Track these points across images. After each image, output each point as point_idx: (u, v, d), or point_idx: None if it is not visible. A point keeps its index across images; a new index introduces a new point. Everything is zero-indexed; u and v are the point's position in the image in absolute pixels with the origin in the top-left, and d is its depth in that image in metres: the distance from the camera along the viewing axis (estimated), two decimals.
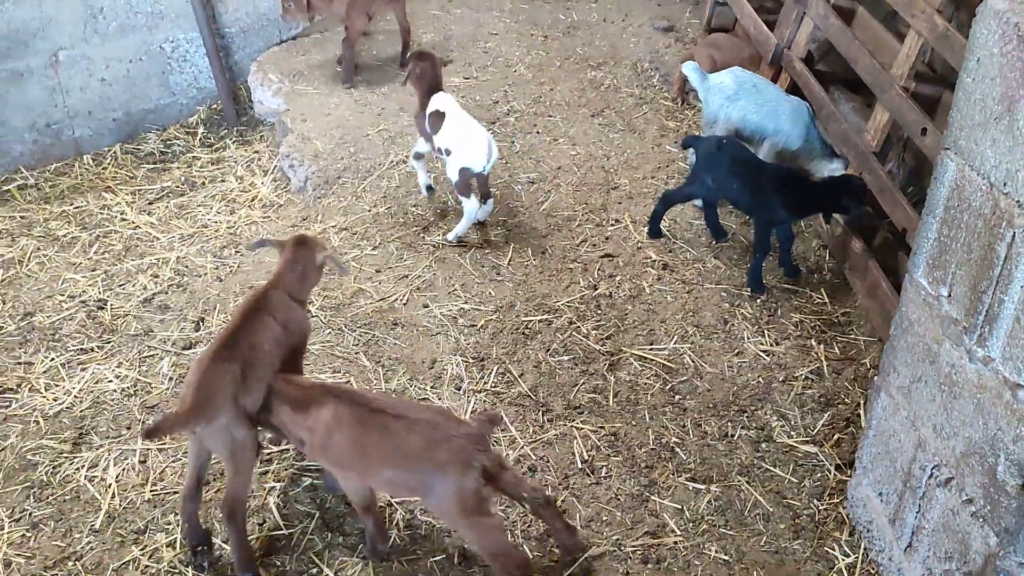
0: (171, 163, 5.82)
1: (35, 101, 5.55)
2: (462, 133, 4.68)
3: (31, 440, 3.88)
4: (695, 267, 4.81)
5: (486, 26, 6.70)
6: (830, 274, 4.83)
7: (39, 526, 3.52)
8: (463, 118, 4.75)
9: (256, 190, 5.46)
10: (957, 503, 2.84)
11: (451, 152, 4.69)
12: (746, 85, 5.01)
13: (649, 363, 4.24)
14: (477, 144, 4.65)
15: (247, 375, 3.12)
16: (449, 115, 4.73)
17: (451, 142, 4.68)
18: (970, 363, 2.72)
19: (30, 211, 5.33)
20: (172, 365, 4.23)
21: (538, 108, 6.02)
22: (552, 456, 3.79)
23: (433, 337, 4.37)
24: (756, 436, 3.92)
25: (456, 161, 4.68)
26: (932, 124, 4.19)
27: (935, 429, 2.92)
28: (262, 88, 6.05)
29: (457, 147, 4.67)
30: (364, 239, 4.96)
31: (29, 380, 4.16)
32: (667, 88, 6.28)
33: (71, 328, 4.47)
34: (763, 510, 3.60)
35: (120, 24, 5.66)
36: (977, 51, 2.62)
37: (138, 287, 4.72)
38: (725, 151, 4.64)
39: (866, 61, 4.77)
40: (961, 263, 2.74)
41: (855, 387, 4.16)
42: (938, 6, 4.28)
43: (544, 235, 4.98)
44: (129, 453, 3.81)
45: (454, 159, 4.68)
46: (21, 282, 4.78)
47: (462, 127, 4.70)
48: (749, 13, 6.12)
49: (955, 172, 2.76)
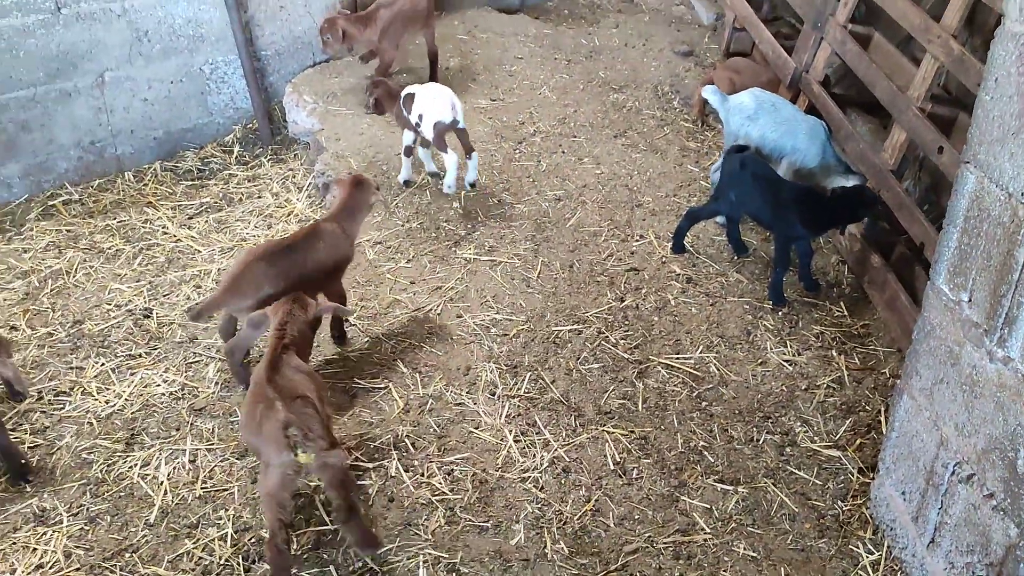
0: (208, 180, 6.03)
1: (81, 120, 5.78)
2: (426, 95, 5.28)
3: (86, 440, 4.05)
4: (718, 281, 4.98)
5: (511, 50, 6.92)
6: (849, 288, 4.99)
7: (96, 520, 3.69)
8: (427, 87, 5.38)
9: (292, 206, 5.66)
10: (978, 498, 2.99)
11: (423, 115, 5.24)
12: (765, 105, 5.20)
13: (676, 371, 4.40)
14: (440, 99, 5.21)
15: (276, 280, 3.97)
16: (417, 92, 5.33)
17: (420, 108, 5.27)
18: (991, 364, 2.88)
19: (75, 225, 5.54)
20: (217, 370, 4.41)
21: (563, 129, 6.23)
22: (585, 458, 3.95)
23: (467, 345, 4.54)
24: (781, 441, 4.07)
25: (428, 120, 5.21)
26: (948, 143, 4.36)
27: (957, 428, 3.08)
28: (297, 108, 6.28)
29: (425, 108, 5.24)
30: (398, 252, 5.15)
31: (81, 384, 4.35)
32: (687, 110, 6.48)
33: (119, 335, 4.66)
34: (789, 510, 3.75)
35: (163, 47, 5.89)
36: (995, 71, 2.80)
37: (182, 297, 4.91)
38: (748, 168, 4.83)
39: (883, 83, 4.96)
40: (981, 269, 2.91)
41: (875, 395, 4.31)
42: (953, 31, 4.47)
43: (572, 249, 5.16)
44: (179, 453, 3.99)
45: (426, 119, 5.22)
46: (69, 292, 4.97)
47: (426, 92, 5.30)
48: (767, 38, 6.33)
49: (975, 184, 2.93)
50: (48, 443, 4.04)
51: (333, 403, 4.21)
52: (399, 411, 4.17)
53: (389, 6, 6.17)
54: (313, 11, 6.45)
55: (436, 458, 3.94)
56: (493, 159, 5.85)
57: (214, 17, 6.01)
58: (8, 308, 4.82)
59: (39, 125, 5.64)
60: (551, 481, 3.85)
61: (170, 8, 5.82)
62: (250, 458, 3.95)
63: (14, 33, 5.34)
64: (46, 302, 4.88)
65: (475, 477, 3.85)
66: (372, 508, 3.71)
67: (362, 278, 4.98)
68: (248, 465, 3.92)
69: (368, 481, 3.83)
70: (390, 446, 3.99)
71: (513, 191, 5.60)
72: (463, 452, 3.98)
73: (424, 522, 3.65)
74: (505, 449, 3.99)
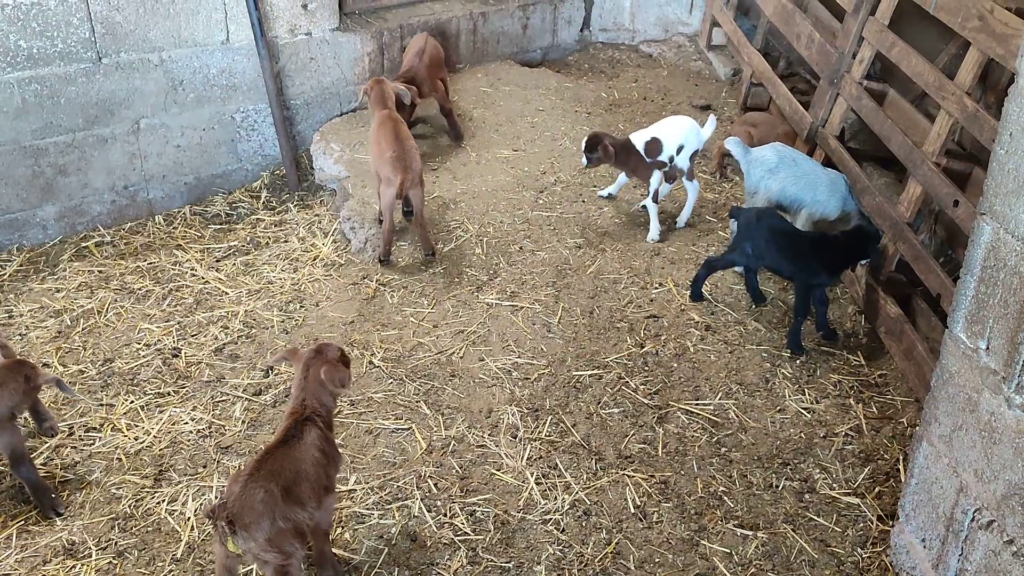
0: (236, 224, 6.18)
1: (116, 165, 5.95)
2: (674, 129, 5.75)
3: (115, 475, 4.13)
4: (736, 329, 5.05)
5: (533, 103, 7.09)
6: (866, 338, 5.05)
7: (124, 554, 3.75)
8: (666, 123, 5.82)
9: (317, 250, 5.79)
10: (999, 544, 3.02)
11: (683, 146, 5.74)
12: (786, 159, 5.32)
13: (696, 417, 4.46)
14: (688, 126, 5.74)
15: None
16: (656, 132, 5.76)
17: (676, 140, 5.76)
18: (1009, 410, 2.94)
19: (107, 266, 5.67)
20: (244, 409, 4.50)
21: (583, 179, 6.36)
22: (606, 501, 3.99)
23: (489, 388, 4.61)
24: (800, 487, 4.11)
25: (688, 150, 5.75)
26: (964, 196, 4.46)
27: (976, 474, 3.12)
28: (324, 156, 6.44)
29: (686, 139, 5.73)
30: (422, 296, 5.25)
31: (111, 420, 4.44)
32: (706, 162, 6.61)
33: (148, 373, 4.75)
34: (808, 556, 3.78)
35: (197, 96, 6.09)
36: (1010, 126, 2.91)
37: (209, 337, 5.02)
38: (763, 221, 4.94)
39: (899, 138, 5.08)
40: (998, 318, 2.98)
41: (894, 444, 4.35)
42: (967, 88, 4.59)
43: (592, 296, 5.25)
44: (206, 489, 4.05)
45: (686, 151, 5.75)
46: (100, 331, 5.08)
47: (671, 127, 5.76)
48: (784, 93, 6.48)
49: (991, 235, 3.02)
50: (78, 478, 4.12)
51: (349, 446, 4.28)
52: (422, 452, 4.23)
53: (420, 54, 6.38)
54: (342, 63, 6.65)
55: (458, 499, 4.00)
56: (516, 207, 5.98)
57: (247, 68, 6.21)
58: (41, 346, 4.94)
59: (76, 169, 5.82)
60: (572, 523, 3.89)
61: (205, 59, 6.03)
62: None
63: (56, 80, 5.54)
64: (78, 340, 4.99)
65: (497, 518, 3.90)
66: (395, 548, 3.76)
67: (386, 321, 5.07)
68: None
69: (391, 520, 3.88)
70: (413, 486, 4.05)
71: (534, 238, 5.71)
72: (485, 493, 4.03)
73: (447, 562, 3.69)
74: (527, 491, 4.04)
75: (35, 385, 3.92)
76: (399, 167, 5.26)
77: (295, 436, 3.32)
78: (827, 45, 5.97)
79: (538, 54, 7.88)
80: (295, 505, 3.19)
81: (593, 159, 5.67)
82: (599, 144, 5.60)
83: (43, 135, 5.63)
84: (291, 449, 3.28)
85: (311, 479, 3.28)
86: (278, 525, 3.11)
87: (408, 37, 6.89)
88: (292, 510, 3.17)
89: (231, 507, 3.05)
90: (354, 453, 4.24)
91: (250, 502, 3.07)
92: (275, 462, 3.21)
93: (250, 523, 3.05)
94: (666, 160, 5.69)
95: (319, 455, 3.33)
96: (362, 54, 6.74)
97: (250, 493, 3.09)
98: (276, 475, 3.17)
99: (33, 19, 5.35)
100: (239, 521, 3.03)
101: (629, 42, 8.29)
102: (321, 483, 3.33)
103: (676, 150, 5.67)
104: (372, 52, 6.78)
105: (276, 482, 3.15)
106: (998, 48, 4.35)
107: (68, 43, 5.51)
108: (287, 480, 3.19)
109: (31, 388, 3.90)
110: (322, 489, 3.34)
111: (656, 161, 5.68)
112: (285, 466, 3.22)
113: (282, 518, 3.13)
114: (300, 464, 3.27)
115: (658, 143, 5.65)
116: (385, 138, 5.38)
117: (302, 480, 3.24)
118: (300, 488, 3.23)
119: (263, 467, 3.17)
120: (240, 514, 3.04)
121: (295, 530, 3.18)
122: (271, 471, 3.17)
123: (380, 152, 5.39)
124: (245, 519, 3.05)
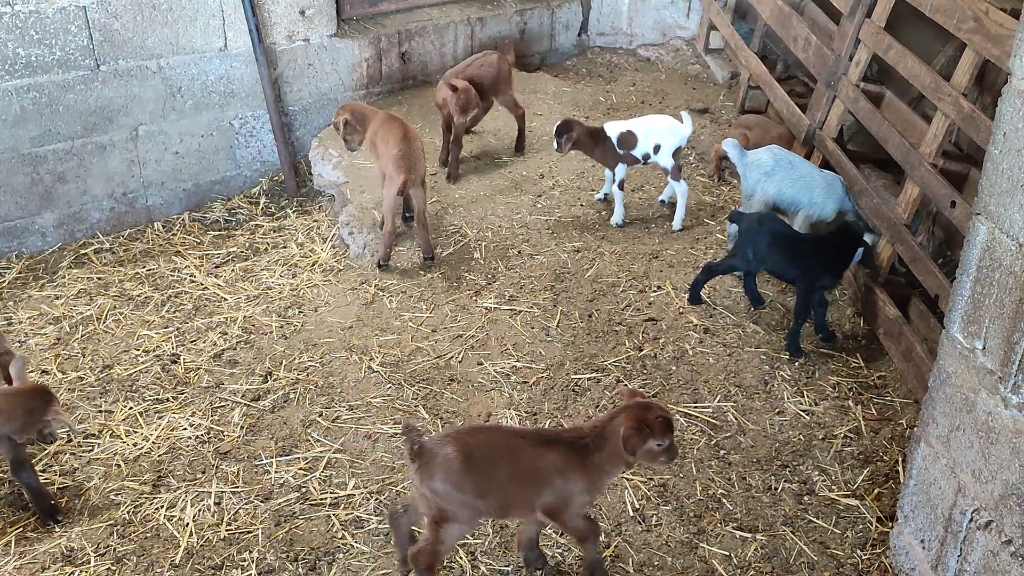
0: (235, 230, 6.19)
1: (115, 172, 5.97)
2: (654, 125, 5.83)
3: (113, 482, 4.13)
4: (735, 331, 5.05)
5: (531, 107, 7.09)
6: (864, 340, 5.05)
7: (123, 561, 3.75)
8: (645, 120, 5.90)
9: (316, 256, 5.79)
10: (997, 544, 3.02)
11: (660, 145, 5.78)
12: (782, 162, 5.33)
13: (694, 419, 4.45)
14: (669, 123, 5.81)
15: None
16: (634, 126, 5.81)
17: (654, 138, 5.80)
18: (1006, 410, 2.94)
19: (106, 273, 5.68)
20: (243, 415, 4.50)
21: (581, 183, 6.36)
22: (604, 504, 3.99)
23: (488, 393, 4.61)
24: (799, 489, 4.10)
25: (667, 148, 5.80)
26: (961, 197, 4.46)
27: (974, 474, 3.12)
28: (322, 162, 6.45)
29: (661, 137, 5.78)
30: (420, 301, 5.25)
31: (110, 427, 4.44)
32: (703, 166, 6.61)
33: (147, 380, 4.76)
34: (808, 558, 3.77)
35: (195, 102, 6.10)
36: (1004, 126, 2.91)
37: (208, 343, 5.02)
38: (765, 226, 4.94)
39: (896, 140, 5.08)
40: (994, 318, 2.98)
41: (893, 445, 4.34)
42: (963, 90, 4.59)
43: (590, 299, 5.25)
44: (205, 495, 4.06)
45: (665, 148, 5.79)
46: (99, 337, 5.09)
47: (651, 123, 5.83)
48: (781, 96, 6.49)
49: (986, 235, 3.02)
50: (77, 484, 4.12)
51: (348, 450, 4.28)
52: None
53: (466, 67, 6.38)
54: (340, 69, 6.67)
55: None
56: (514, 211, 5.99)
57: (245, 74, 6.22)
58: (40, 353, 4.94)
59: (75, 176, 5.83)
60: None
61: (203, 65, 6.04)
62: (274, 501, 4.02)
63: (55, 88, 5.55)
64: (77, 347, 4.99)
65: (495, 522, 3.89)
66: (394, 552, 3.75)
67: (385, 326, 5.08)
68: (272, 508, 3.98)
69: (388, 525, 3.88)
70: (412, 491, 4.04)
71: (532, 242, 5.72)
72: None
73: (447, 566, 3.69)
74: None
75: (43, 419, 3.78)
76: (403, 166, 5.28)
77: (549, 445, 3.31)
78: (824, 48, 5.98)
79: (536, 58, 7.89)
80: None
81: (562, 143, 5.69)
82: (568, 130, 5.66)
83: (42, 143, 5.64)
84: (530, 448, 3.30)
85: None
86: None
87: (406, 43, 6.92)
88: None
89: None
90: (353, 458, 4.24)
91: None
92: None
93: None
94: (639, 157, 5.74)
95: (556, 476, 3.29)
96: (360, 60, 6.76)
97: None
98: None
99: (31, 27, 5.37)
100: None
101: (627, 46, 8.30)
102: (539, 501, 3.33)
103: (653, 148, 5.71)
104: (370, 58, 6.80)
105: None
106: (993, 49, 4.35)
107: (66, 51, 5.53)
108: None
109: (38, 419, 3.77)
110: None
111: (628, 155, 5.73)
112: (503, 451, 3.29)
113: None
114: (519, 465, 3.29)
115: (633, 136, 5.69)
116: (392, 136, 5.39)
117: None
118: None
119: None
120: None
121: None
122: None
123: (386, 150, 5.41)
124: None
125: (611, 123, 5.80)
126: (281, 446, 4.31)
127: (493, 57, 6.40)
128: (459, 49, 7.26)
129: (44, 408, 3.76)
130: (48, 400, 3.79)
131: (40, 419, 3.76)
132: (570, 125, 5.69)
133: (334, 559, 3.74)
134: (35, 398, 3.79)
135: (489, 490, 3.27)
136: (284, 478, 4.13)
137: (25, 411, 3.74)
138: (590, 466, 3.29)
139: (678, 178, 5.82)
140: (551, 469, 3.27)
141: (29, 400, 3.77)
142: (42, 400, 3.78)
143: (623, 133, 5.71)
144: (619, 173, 5.80)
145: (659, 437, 3.23)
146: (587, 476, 3.30)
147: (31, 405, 3.76)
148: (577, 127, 5.69)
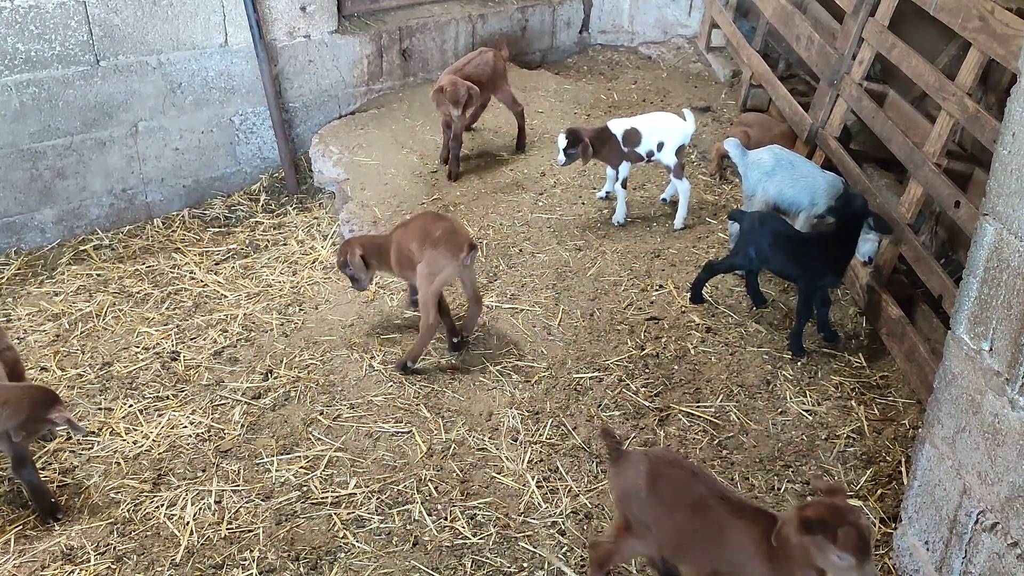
0: (235, 227, 6.16)
1: (115, 168, 5.94)
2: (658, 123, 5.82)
3: (113, 480, 4.11)
4: (737, 331, 5.04)
5: (532, 104, 7.08)
6: (867, 340, 5.04)
7: (123, 559, 3.73)
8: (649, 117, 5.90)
9: (317, 253, 5.77)
10: (1003, 546, 3.01)
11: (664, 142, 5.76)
12: (783, 162, 5.31)
13: (697, 419, 4.44)
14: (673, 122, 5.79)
15: None
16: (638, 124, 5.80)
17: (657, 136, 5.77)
18: (1012, 411, 2.92)
19: (105, 269, 5.66)
20: (243, 413, 4.48)
21: (582, 181, 6.34)
22: (607, 504, 3.97)
23: (489, 391, 4.59)
24: (802, 490, 4.09)
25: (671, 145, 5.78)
26: (965, 197, 4.45)
27: (980, 476, 3.11)
28: (323, 159, 6.43)
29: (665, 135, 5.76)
30: None
31: (110, 424, 4.42)
32: (705, 164, 6.60)
33: (147, 377, 4.73)
34: None
35: (196, 99, 6.07)
36: (1012, 127, 2.89)
37: (208, 341, 5.00)
38: (767, 225, 4.92)
39: (899, 139, 5.06)
40: (1001, 319, 2.96)
41: (896, 446, 4.33)
42: (968, 89, 4.58)
43: (592, 298, 5.23)
44: (205, 493, 4.04)
45: (668, 146, 5.77)
46: (99, 334, 5.06)
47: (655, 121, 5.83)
48: (784, 95, 6.47)
49: (993, 236, 3.00)
50: (76, 482, 4.10)
51: (349, 449, 4.27)
52: (422, 455, 4.21)
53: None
54: (341, 66, 6.64)
55: (459, 502, 3.98)
56: (515, 210, 5.97)
57: (245, 70, 6.19)
58: (39, 350, 4.92)
59: (74, 172, 5.80)
60: (573, 527, 3.87)
61: (204, 61, 6.01)
62: (275, 499, 4.00)
63: (54, 84, 5.52)
64: (76, 344, 4.97)
65: (498, 522, 3.88)
66: (396, 551, 3.74)
67: (386, 324, 5.05)
68: (272, 507, 3.96)
69: (392, 524, 3.86)
70: (413, 489, 4.03)
71: (534, 241, 5.70)
72: (486, 497, 4.01)
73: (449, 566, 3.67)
74: (527, 494, 4.02)
75: (45, 417, 3.73)
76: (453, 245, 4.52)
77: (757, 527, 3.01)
78: (827, 46, 5.96)
79: (537, 56, 7.86)
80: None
81: (578, 154, 5.56)
82: (579, 141, 5.54)
83: (41, 138, 5.61)
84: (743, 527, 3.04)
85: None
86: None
87: (407, 39, 6.90)
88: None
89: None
90: (354, 457, 4.22)
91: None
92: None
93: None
94: (643, 154, 5.72)
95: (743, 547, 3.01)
96: (361, 56, 6.73)
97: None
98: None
99: (31, 22, 5.33)
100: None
101: (628, 44, 8.28)
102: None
103: (656, 146, 5.69)
104: (371, 54, 6.77)
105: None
106: (999, 49, 4.33)
107: (66, 46, 5.50)
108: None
109: (38, 419, 3.73)
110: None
111: (632, 152, 5.70)
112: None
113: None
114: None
115: (637, 134, 5.67)
116: (428, 221, 4.69)
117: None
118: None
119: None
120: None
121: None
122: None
123: (424, 236, 4.58)
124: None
125: (615, 121, 5.77)
126: (282, 444, 4.29)
127: (489, 55, 6.39)
128: (460, 46, 7.24)
129: (48, 407, 3.73)
130: (53, 400, 3.77)
131: (42, 418, 3.73)
132: (578, 134, 5.54)
133: (335, 558, 3.73)
134: (41, 395, 3.78)
135: (663, 523, 3.15)
136: (285, 477, 4.11)
137: (30, 406, 3.71)
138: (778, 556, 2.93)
139: (680, 176, 5.79)
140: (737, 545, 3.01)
141: (34, 396, 3.76)
142: (47, 399, 3.76)
143: (627, 130, 5.69)
144: (622, 171, 5.78)
145: (841, 549, 2.71)
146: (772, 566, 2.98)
147: (37, 399, 3.74)
148: (585, 134, 5.59)
